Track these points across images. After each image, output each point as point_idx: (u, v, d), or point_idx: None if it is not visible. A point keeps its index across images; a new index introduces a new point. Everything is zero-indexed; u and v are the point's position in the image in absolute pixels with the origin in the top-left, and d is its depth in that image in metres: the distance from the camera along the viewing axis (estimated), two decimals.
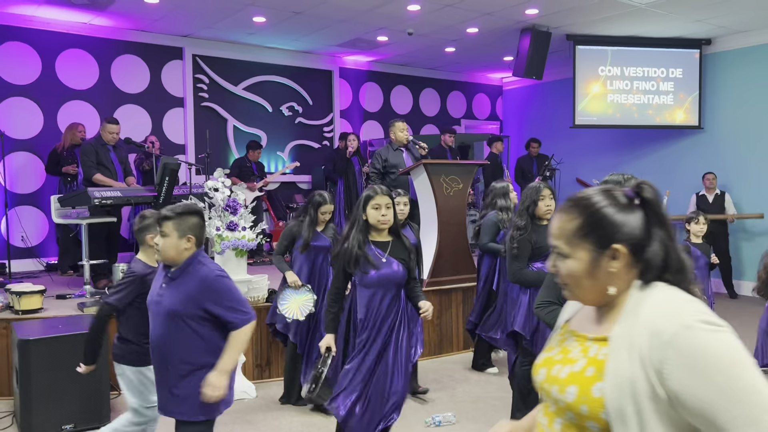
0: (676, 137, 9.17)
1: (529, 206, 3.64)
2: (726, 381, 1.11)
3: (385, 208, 3.13)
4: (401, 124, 6.35)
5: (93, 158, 6.03)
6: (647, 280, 1.27)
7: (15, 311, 4.65)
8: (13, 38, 7.33)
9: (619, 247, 1.26)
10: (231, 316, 2.58)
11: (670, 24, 7.93)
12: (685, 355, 1.13)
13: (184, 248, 2.60)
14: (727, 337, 1.16)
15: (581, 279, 1.30)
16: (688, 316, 1.17)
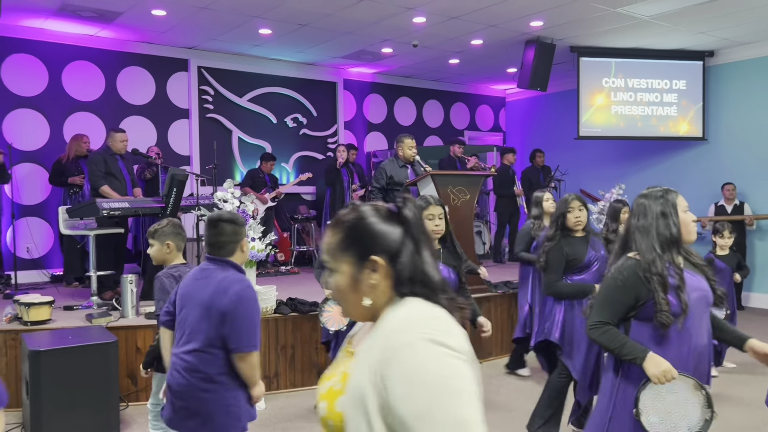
0: (680, 148, 9.19)
1: (559, 218, 3.66)
2: (430, 404, 1.09)
3: (438, 219, 3.24)
4: (410, 141, 6.34)
5: (101, 168, 6.03)
6: (400, 293, 1.28)
7: (23, 322, 4.64)
8: (20, 50, 7.36)
9: (377, 259, 1.26)
10: None
11: (673, 36, 7.98)
12: (402, 371, 1.13)
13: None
14: (450, 361, 1.14)
15: (346, 293, 1.30)
16: (413, 333, 1.17)
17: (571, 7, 6.76)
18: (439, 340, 1.16)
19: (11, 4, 6.39)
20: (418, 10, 6.84)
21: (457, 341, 1.18)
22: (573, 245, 3.64)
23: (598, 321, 2.33)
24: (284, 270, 8.06)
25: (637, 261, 2.30)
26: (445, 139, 10.95)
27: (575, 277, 3.64)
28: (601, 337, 2.31)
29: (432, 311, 1.24)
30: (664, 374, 2.18)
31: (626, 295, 2.29)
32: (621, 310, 2.32)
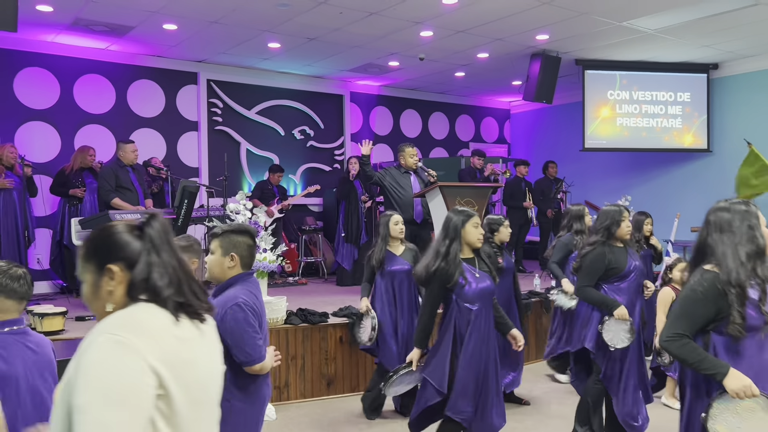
0: (685, 160, 9.24)
1: (611, 226, 3.75)
2: (89, 399, 1.21)
3: (481, 228, 3.37)
4: (411, 149, 6.42)
5: (112, 182, 6.09)
6: (132, 298, 1.39)
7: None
8: (33, 64, 7.47)
9: (112, 267, 1.39)
10: None
11: (678, 49, 8.05)
12: (82, 365, 1.24)
13: (227, 266, 2.64)
14: (123, 365, 1.24)
15: (90, 299, 1.43)
16: (102, 333, 1.28)
17: (577, 21, 6.84)
18: (123, 342, 1.26)
19: (26, 19, 6.50)
20: (426, 24, 6.93)
21: (148, 345, 1.28)
22: (615, 254, 3.75)
23: (675, 333, 2.28)
24: (292, 281, 8.11)
25: (716, 273, 2.27)
26: (451, 151, 11.03)
27: (614, 285, 3.74)
28: (679, 350, 2.26)
29: (135, 314, 1.36)
30: (744, 390, 2.14)
31: (706, 307, 2.26)
32: (699, 322, 2.29)
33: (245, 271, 2.64)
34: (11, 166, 6.40)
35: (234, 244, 2.62)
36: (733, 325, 2.20)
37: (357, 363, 5.33)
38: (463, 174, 8.54)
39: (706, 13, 6.63)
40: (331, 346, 5.24)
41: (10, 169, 6.41)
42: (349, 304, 5.73)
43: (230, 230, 2.67)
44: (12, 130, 7.34)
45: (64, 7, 6.26)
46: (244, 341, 2.50)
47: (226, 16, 6.56)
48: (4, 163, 6.34)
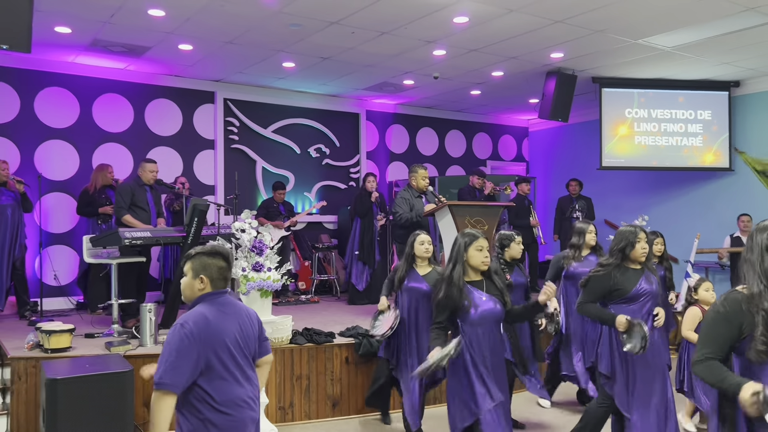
0: (706, 179, 9.05)
1: (626, 247, 3.66)
2: None
3: (485, 250, 3.32)
4: (424, 171, 6.40)
5: (128, 199, 6.15)
6: None
7: (44, 350, 4.72)
8: (53, 84, 7.64)
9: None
10: None
11: (697, 67, 7.92)
12: None
13: (197, 288, 2.60)
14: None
15: None
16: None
17: (592, 39, 6.78)
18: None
19: (45, 40, 6.66)
20: (438, 43, 6.92)
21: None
22: (625, 275, 3.64)
23: (701, 355, 2.25)
24: (304, 299, 8.08)
25: (744, 294, 2.25)
26: (468, 169, 10.97)
27: (620, 307, 3.62)
28: (703, 372, 2.23)
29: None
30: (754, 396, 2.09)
31: (729, 327, 2.23)
32: (725, 342, 2.25)
33: (214, 290, 2.60)
34: (4, 182, 6.41)
35: (204, 266, 2.59)
36: (755, 350, 2.16)
37: (363, 384, 5.26)
38: (463, 193, 8.42)
39: (725, 31, 6.52)
40: (336, 366, 5.19)
41: (4, 185, 6.43)
42: (357, 324, 5.68)
43: (202, 252, 2.64)
44: (32, 149, 7.49)
45: (82, 28, 6.40)
46: (163, 360, 2.42)
47: (241, 36, 6.64)
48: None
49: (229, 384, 2.49)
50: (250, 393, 2.58)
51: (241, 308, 2.68)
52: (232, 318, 2.58)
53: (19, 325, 6.07)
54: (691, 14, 6.04)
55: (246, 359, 2.60)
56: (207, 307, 2.55)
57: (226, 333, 2.52)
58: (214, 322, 2.50)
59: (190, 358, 2.39)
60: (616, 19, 6.16)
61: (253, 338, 2.67)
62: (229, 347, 2.51)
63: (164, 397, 2.37)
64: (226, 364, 2.49)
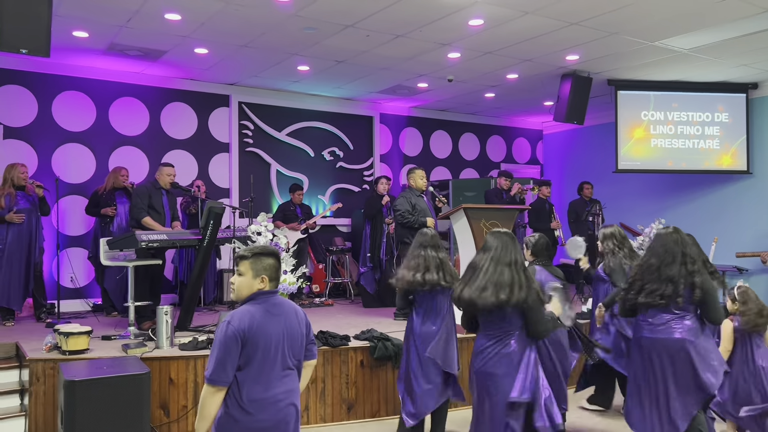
0: (724, 182, 8.96)
1: None
2: None
3: None
4: (421, 171, 6.86)
5: (145, 201, 6.19)
6: None
7: (62, 351, 4.75)
8: (71, 88, 7.71)
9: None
10: None
11: (714, 69, 7.85)
12: None
13: (257, 287, 2.67)
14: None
15: None
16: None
17: (607, 41, 6.74)
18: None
19: (63, 44, 6.72)
20: (453, 46, 6.91)
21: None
22: None
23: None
24: (318, 302, 8.09)
25: None
26: (482, 171, 10.94)
27: None
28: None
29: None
30: None
31: None
32: None
33: (266, 289, 2.68)
34: (22, 186, 6.45)
35: (265, 266, 2.67)
36: None
37: (378, 388, 5.25)
38: (490, 195, 8.45)
39: (742, 32, 6.46)
40: (351, 369, 5.18)
41: (22, 189, 6.45)
42: (372, 327, 5.67)
43: (260, 252, 2.71)
44: (50, 152, 7.56)
45: (99, 32, 6.46)
46: (212, 357, 2.53)
47: (255, 40, 6.67)
48: (15, 183, 6.38)
49: (259, 385, 2.56)
50: (282, 396, 2.61)
51: (291, 310, 2.74)
52: (278, 319, 2.64)
53: (36, 327, 6.13)
54: (709, 16, 5.99)
55: (286, 362, 2.65)
56: (256, 306, 2.63)
57: (269, 334, 2.59)
58: (259, 321, 2.58)
59: (234, 355, 2.51)
60: (632, 21, 6.12)
61: (300, 340, 2.73)
62: (268, 349, 2.59)
63: (214, 392, 2.51)
64: (263, 365, 2.57)
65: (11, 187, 6.35)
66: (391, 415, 5.19)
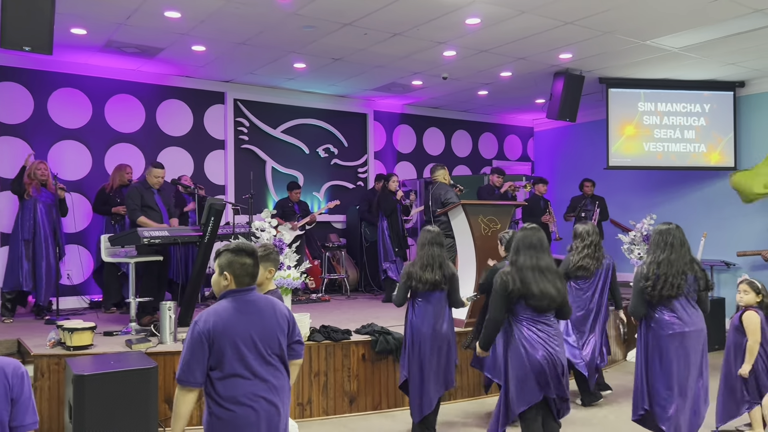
0: (711, 178, 9.14)
1: None
2: None
3: None
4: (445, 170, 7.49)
5: (137, 201, 6.22)
6: None
7: (66, 347, 4.79)
8: (66, 85, 7.70)
9: None
10: None
11: (703, 67, 8.01)
12: None
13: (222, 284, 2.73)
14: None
15: None
16: None
17: (600, 40, 6.86)
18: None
19: (61, 41, 6.71)
20: (449, 44, 7.00)
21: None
22: None
23: None
24: (315, 297, 8.16)
25: None
26: (474, 168, 11.05)
27: None
28: None
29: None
30: None
31: None
32: None
33: (238, 287, 2.69)
34: (44, 182, 6.61)
35: (229, 262, 2.69)
36: None
37: (379, 381, 5.34)
38: (482, 191, 8.56)
39: (731, 32, 6.60)
40: (353, 363, 5.26)
41: (44, 186, 6.62)
42: (372, 321, 5.75)
43: (228, 249, 2.73)
44: (46, 149, 7.55)
45: (97, 30, 6.46)
46: (181, 357, 2.56)
47: (253, 37, 6.71)
48: (35, 179, 6.56)
49: (236, 380, 2.56)
50: (262, 391, 2.59)
51: (268, 306, 2.71)
52: (252, 316, 2.64)
53: (35, 324, 6.15)
54: (700, 16, 6.13)
55: (262, 358, 2.62)
56: (227, 303, 2.65)
57: (240, 330, 2.59)
58: (229, 319, 2.59)
59: (202, 355, 2.53)
60: (625, 20, 6.24)
61: (279, 337, 2.68)
62: (239, 345, 2.57)
63: (183, 392, 2.56)
64: (234, 363, 2.56)
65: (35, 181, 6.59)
66: (392, 408, 5.29)
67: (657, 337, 3.73)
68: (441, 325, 4.35)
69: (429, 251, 4.33)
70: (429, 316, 4.36)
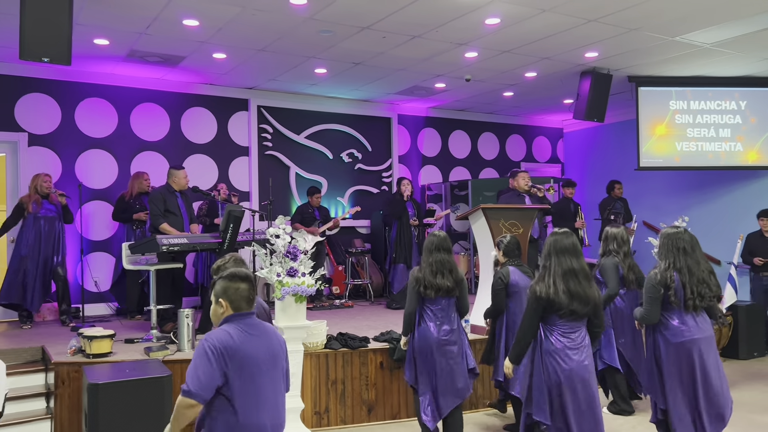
0: (748, 178, 8.79)
1: None
2: None
3: None
4: (525, 173, 7.31)
5: (161, 207, 6.24)
6: None
7: (86, 355, 4.83)
8: (93, 95, 7.83)
9: None
10: None
11: (737, 63, 7.70)
12: None
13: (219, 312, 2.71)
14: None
15: None
16: None
17: (627, 38, 6.65)
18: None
19: (85, 52, 6.83)
20: (470, 46, 6.88)
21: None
22: None
23: None
24: (338, 303, 8.11)
25: None
26: (501, 171, 10.87)
27: None
28: None
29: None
30: None
31: None
32: None
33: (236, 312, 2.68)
34: (46, 195, 6.68)
35: (224, 289, 2.69)
36: None
37: (398, 389, 5.24)
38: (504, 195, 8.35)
39: (765, 26, 6.33)
40: (371, 371, 5.18)
41: (46, 198, 6.69)
42: (392, 329, 5.66)
43: (222, 276, 2.75)
44: (73, 158, 7.68)
45: (119, 40, 6.54)
46: (189, 369, 2.53)
47: (273, 44, 6.71)
48: (39, 192, 6.65)
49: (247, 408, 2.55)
50: (267, 420, 2.60)
51: (271, 332, 2.74)
52: (259, 339, 2.64)
53: (61, 331, 6.23)
54: (732, 10, 5.88)
55: (272, 381, 2.64)
56: (230, 327, 2.63)
57: (249, 353, 2.58)
58: (236, 340, 2.57)
59: (212, 371, 2.49)
60: (652, 16, 6.03)
61: (282, 364, 2.73)
62: (249, 367, 2.57)
63: (189, 406, 2.51)
64: (246, 384, 2.56)
65: (36, 194, 6.60)
66: (411, 417, 5.18)
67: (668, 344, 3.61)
68: (451, 333, 4.22)
69: (438, 257, 4.21)
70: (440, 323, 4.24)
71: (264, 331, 2.69)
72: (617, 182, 8.91)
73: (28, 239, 6.52)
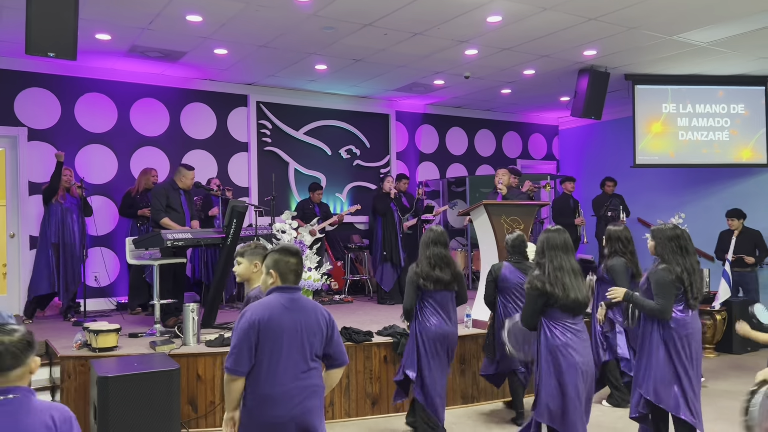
0: (743, 175, 8.91)
1: None
2: None
3: None
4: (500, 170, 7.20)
5: (163, 202, 6.28)
6: None
7: (92, 349, 4.85)
8: (93, 90, 7.82)
9: None
10: None
11: (732, 62, 7.81)
12: None
13: (269, 282, 2.85)
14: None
15: None
16: None
17: (625, 36, 6.73)
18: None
19: (86, 47, 6.82)
20: (470, 43, 6.94)
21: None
22: None
23: None
24: (338, 299, 8.16)
25: None
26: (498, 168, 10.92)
27: None
28: None
29: None
30: None
31: None
32: None
33: (284, 284, 2.80)
34: (68, 188, 6.77)
35: (275, 262, 2.82)
36: None
37: None
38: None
39: (761, 25, 6.42)
40: (375, 365, 5.24)
41: (68, 191, 6.78)
42: (394, 323, 5.72)
43: (274, 249, 2.88)
44: (73, 153, 7.67)
45: (121, 35, 6.55)
46: (231, 346, 2.67)
47: (274, 40, 6.73)
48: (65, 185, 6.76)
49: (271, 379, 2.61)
50: (296, 391, 2.63)
51: (310, 308, 2.79)
52: (295, 314, 2.71)
53: (63, 326, 6.24)
54: (728, 9, 5.97)
55: (303, 357, 2.69)
56: (274, 297, 2.75)
57: (283, 327, 2.66)
58: (273, 313, 2.67)
59: (249, 344, 2.61)
60: (650, 15, 6.11)
61: (320, 339, 2.76)
62: (280, 342, 2.64)
63: (231, 380, 2.64)
64: (273, 358, 2.62)
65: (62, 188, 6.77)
66: None
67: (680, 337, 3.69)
68: (451, 325, 4.32)
69: (435, 251, 4.29)
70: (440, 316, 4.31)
71: (302, 306, 2.76)
72: (609, 179, 9.00)
73: (55, 228, 6.64)
